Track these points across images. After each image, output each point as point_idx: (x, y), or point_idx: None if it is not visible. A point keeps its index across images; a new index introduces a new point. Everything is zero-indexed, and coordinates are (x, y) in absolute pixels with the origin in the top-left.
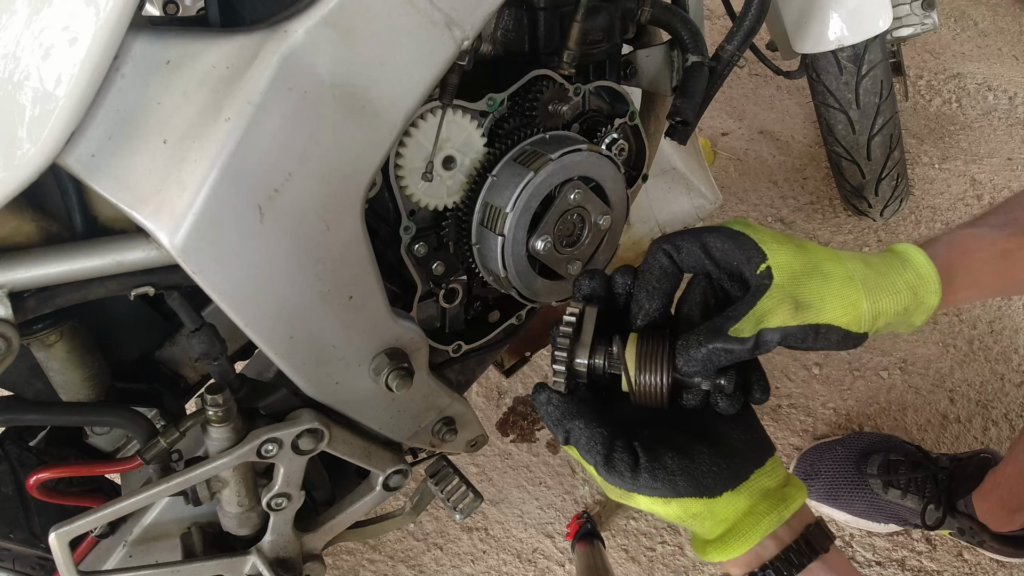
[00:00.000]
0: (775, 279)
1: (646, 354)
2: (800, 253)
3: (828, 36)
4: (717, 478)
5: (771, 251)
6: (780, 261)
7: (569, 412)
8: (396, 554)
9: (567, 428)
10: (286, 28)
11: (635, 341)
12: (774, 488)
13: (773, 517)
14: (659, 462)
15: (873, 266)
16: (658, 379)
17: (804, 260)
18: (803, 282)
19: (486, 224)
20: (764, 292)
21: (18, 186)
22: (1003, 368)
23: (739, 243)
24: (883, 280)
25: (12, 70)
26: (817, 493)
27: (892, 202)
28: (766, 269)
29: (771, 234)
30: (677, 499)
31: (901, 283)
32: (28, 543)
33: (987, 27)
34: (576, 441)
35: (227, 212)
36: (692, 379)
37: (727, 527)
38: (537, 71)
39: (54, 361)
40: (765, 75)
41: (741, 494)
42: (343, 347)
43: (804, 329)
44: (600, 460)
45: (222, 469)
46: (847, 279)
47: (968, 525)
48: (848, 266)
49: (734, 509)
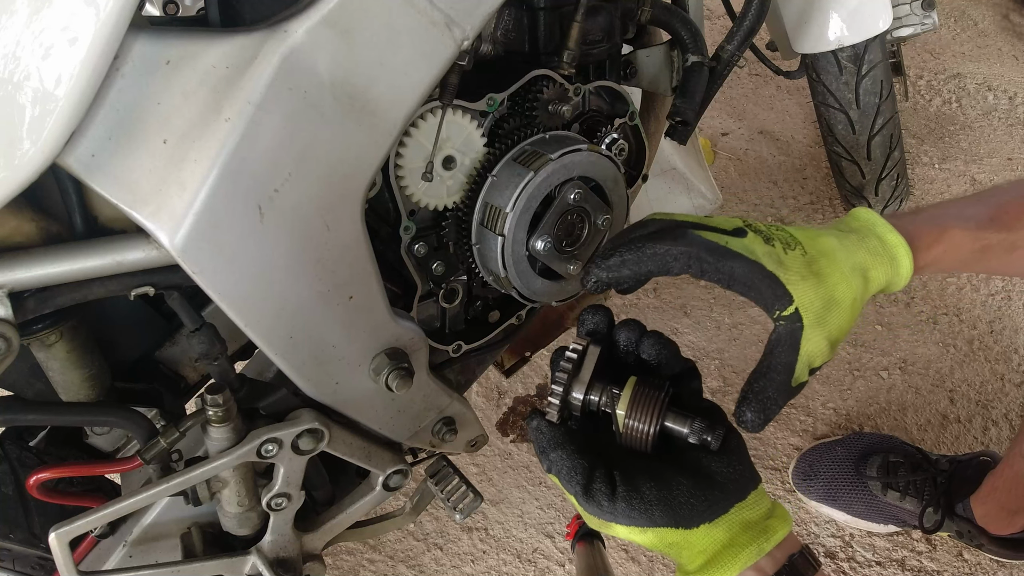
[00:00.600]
0: (806, 321)
1: (639, 402)
2: (819, 286)
3: (828, 36)
4: (694, 510)
5: (796, 292)
6: (805, 302)
7: (554, 442)
8: (396, 554)
9: (550, 458)
10: (286, 28)
11: (631, 386)
12: (755, 520)
13: (753, 549)
14: (637, 492)
15: (865, 271)
16: (646, 427)
17: (822, 294)
18: (827, 318)
19: (486, 224)
20: (800, 335)
21: (18, 186)
22: (1003, 368)
23: (767, 283)
24: (870, 285)
25: (12, 70)
26: (817, 493)
27: (892, 202)
28: (794, 311)
29: (795, 265)
30: (653, 528)
31: (882, 279)
32: (28, 543)
33: (987, 27)
34: (558, 471)
35: (227, 212)
36: (681, 431)
37: (707, 558)
38: (537, 71)
39: (54, 361)
40: (765, 75)
41: (719, 527)
42: (343, 347)
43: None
44: (579, 490)
45: (222, 469)
46: (852, 302)
47: (967, 528)
48: (853, 285)
49: (712, 541)
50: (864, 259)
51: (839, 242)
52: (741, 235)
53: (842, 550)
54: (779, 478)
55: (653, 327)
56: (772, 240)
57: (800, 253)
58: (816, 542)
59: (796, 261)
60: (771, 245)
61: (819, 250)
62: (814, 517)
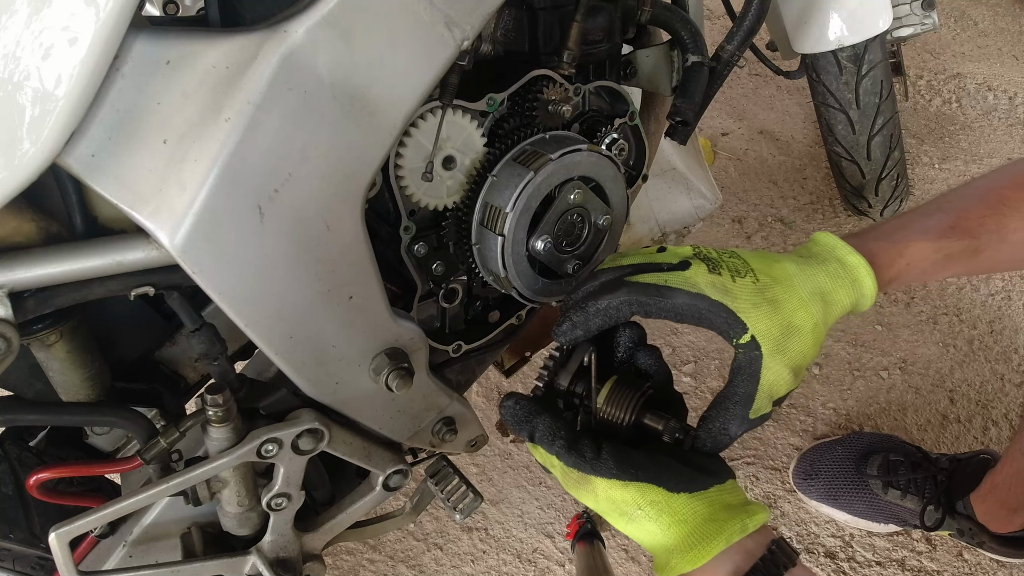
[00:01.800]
0: (764, 349)
1: (617, 397)
2: (774, 313)
3: (828, 36)
4: (678, 479)
5: (749, 319)
6: (761, 329)
7: (535, 410)
8: (396, 554)
9: (532, 424)
10: (286, 28)
11: (612, 382)
12: (735, 504)
13: (736, 525)
14: (623, 451)
15: (825, 295)
16: (624, 415)
17: (779, 321)
18: (787, 345)
19: (486, 224)
20: (759, 364)
21: (18, 186)
22: (1003, 368)
23: (716, 313)
24: (832, 308)
25: (12, 70)
26: (817, 493)
27: (892, 202)
28: (751, 339)
29: (745, 293)
30: (636, 483)
31: (846, 302)
32: (28, 543)
33: (987, 27)
34: (540, 434)
35: (227, 212)
36: (656, 428)
37: (688, 529)
38: (537, 71)
39: (54, 361)
40: (765, 75)
41: (700, 500)
42: (343, 347)
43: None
44: (563, 445)
45: (222, 469)
46: (814, 327)
47: (967, 526)
48: (812, 311)
49: (693, 512)
50: (824, 283)
51: (797, 268)
52: (684, 267)
53: (842, 550)
54: (779, 478)
55: (654, 326)
56: (719, 268)
57: (751, 280)
58: (816, 542)
59: (745, 289)
60: (717, 274)
61: (773, 277)
62: (814, 517)
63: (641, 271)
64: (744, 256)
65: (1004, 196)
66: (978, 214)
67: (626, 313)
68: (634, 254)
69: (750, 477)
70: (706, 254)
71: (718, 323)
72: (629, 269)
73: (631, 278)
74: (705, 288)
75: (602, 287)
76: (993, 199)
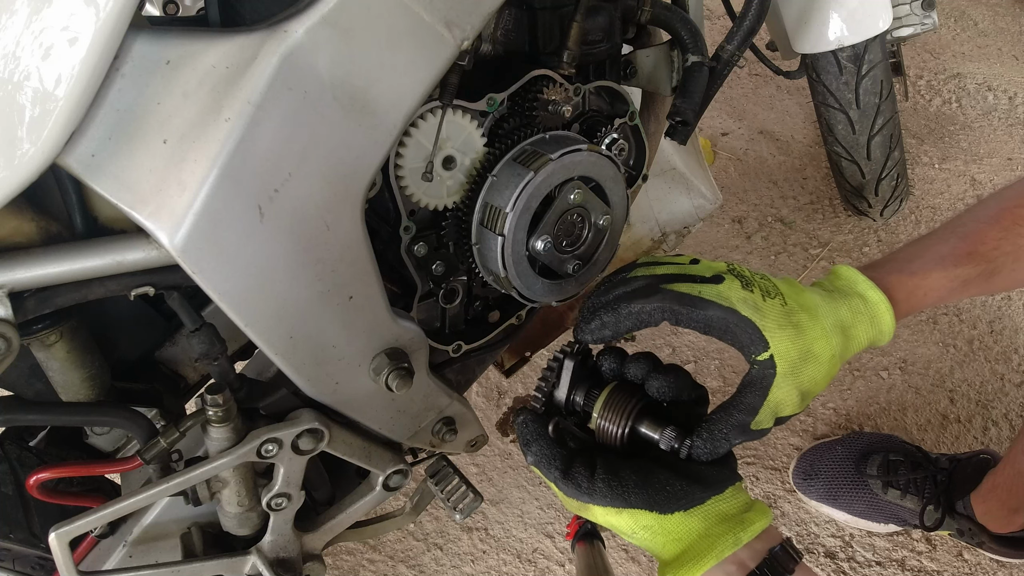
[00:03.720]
0: (779, 368)
1: (611, 406)
2: (797, 337)
3: (828, 36)
4: (671, 497)
5: (772, 339)
6: (781, 350)
7: (536, 433)
8: (396, 554)
9: (532, 449)
10: (286, 28)
11: (607, 392)
12: (732, 513)
13: (729, 540)
14: (615, 476)
15: (846, 330)
16: (616, 429)
17: (800, 346)
18: (802, 370)
19: (486, 224)
20: (771, 382)
21: (18, 186)
22: (1003, 368)
23: (743, 328)
24: (851, 343)
25: (12, 70)
26: (817, 493)
27: (892, 202)
28: (769, 358)
29: (773, 313)
30: (628, 510)
31: (864, 339)
32: (28, 543)
33: (987, 27)
34: (537, 460)
35: (227, 212)
36: (652, 437)
37: (682, 547)
38: (537, 71)
39: (54, 361)
40: (765, 75)
41: (694, 516)
42: (343, 347)
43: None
44: (558, 474)
45: (222, 469)
46: (831, 358)
47: (967, 526)
48: (832, 343)
49: (687, 529)
50: (846, 317)
51: (822, 299)
52: (718, 281)
53: (842, 550)
54: (779, 478)
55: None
56: (751, 286)
57: (780, 303)
58: (816, 542)
59: (774, 310)
60: (749, 291)
61: (800, 303)
62: (814, 517)
63: (675, 280)
64: (775, 281)
65: (1018, 216)
66: (993, 237)
67: (657, 319)
68: (668, 263)
69: (750, 477)
70: (739, 271)
71: (742, 338)
72: (664, 277)
73: (666, 286)
74: (737, 304)
75: (636, 292)
76: (1007, 220)
